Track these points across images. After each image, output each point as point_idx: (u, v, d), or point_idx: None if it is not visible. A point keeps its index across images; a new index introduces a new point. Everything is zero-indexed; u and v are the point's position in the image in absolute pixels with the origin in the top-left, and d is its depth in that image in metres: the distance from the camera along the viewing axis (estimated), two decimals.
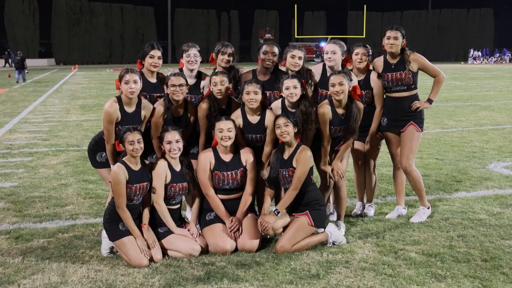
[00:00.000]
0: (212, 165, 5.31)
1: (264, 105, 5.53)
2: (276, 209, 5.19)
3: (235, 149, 5.40)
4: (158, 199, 5.12)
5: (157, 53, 5.55)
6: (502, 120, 14.36)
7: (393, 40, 5.85)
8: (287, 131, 5.18)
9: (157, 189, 5.09)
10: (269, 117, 5.44)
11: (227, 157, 5.35)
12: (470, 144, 10.72)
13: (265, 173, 5.49)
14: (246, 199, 5.40)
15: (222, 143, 5.24)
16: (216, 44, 5.97)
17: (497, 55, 69.28)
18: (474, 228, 5.75)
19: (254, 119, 5.46)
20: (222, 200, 5.35)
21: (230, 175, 5.30)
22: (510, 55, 69.05)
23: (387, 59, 5.99)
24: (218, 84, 5.41)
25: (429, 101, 5.99)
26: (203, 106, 5.47)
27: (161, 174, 5.09)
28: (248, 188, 5.40)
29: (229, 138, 5.22)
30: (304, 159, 5.18)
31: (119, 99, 5.21)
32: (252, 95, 5.33)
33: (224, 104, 5.56)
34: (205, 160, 5.33)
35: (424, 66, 5.94)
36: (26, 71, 32.70)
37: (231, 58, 5.82)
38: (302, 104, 5.43)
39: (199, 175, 5.33)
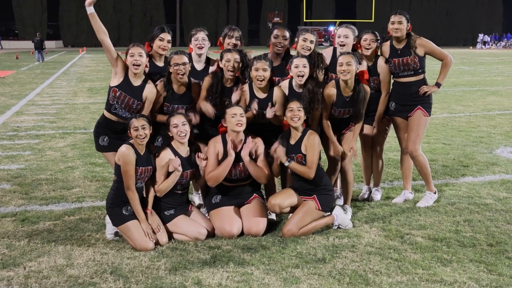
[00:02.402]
0: (221, 155, 5.24)
1: (273, 82, 5.48)
2: (289, 158, 5.16)
3: (245, 140, 5.30)
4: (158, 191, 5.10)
5: (167, 36, 5.51)
6: (510, 105, 14.27)
7: (398, 25, 5.82)
8: (299, 115, 5.15)
9: (157, 179, 5.07)
10: (277, 93, 5.41)
11: (236, 148, 5.24)
12: (478, 129, 10.66)
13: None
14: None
15: (236, 129, 5.13)
16: (224, 28, 5.94)
17: (506, 40, 68.72)
18: (480, 213, 5.74)
19: (261, 95, 5.41)
20: (229, 187, 5.33)
21: (237, 167, 5.24)
22: None
23: (393, 44, 5.96)
24: (231, 61, 5.35)
25: (437, 85, 5.95)
26: (207, 78, 5.44)
27: (164, 165, 5.06)
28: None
29: (242, 124, 5.14)
30: (312, 145, 5.17)
31: (126, 70, 5.23)
32: (260, 71, 5.28)
33: (230, 83, 5.49)
34: (213, 150, 5.23)
35: (431, 50, 5.89)
36: (45, 52, 36.32)
37: (238, 42, 5.78)
38: (309, 83, 5.40)
39: (208, 167, 5.23)
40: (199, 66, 5.76)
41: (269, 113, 5.23)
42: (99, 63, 33.69)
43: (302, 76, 5.34)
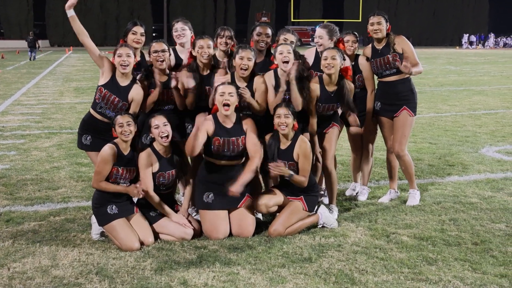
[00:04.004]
0: (211, 132, 5.09)
1: (253, 72, 5.45)
2: (292, 172, 5.12)
3: (237, 119, 5.20)
4: (148, 191, 5.05)
5: (139, 29, 5.53)
6: (495, 104, 14.38)
7: (377, 26, 5.90)
8: (286, 122, 5.10)
9: (144, 180, 5.04)
10: (257, 81, 5.40)
11: (228, 124, 5.16)
12: (463, 129, 10.74)
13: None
14: (248, 172, 5.09)
15: (223, 111, 5.04)
16: (217, 28, 5.99)
17: (491, 40, 69.46)
18: (465, 212, 5.78)
19: (242, 84, 5.38)
20: (220, 165, 5.19)
21: (231, 141, 5.09)
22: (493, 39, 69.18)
23: (374, 45, 6.04)
24: (204, 47, 5.37)
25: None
26: (183, 72, 5.43)
27: (146, 165, 5.03)
28: (252, 163, 5.12)
29: (230, 104, 5.03)
30: (305, 153, 5.16)
31: (114, 70, 5.24)
32: (245, 60, 5.26)
33: (206, 70, 5.51)
34: (202, 125, 5.05)
35: (405, 50, 5.88)
36: (40, 49, 38.83)
37: (229, 41, 5.80)
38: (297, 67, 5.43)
39: (190, 136, 5.07)
40: (184, 56, 5.79)
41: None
42: (86, 62, 33.50)
43: (287, 62, 5.32)
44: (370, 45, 6.11)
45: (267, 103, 5.38)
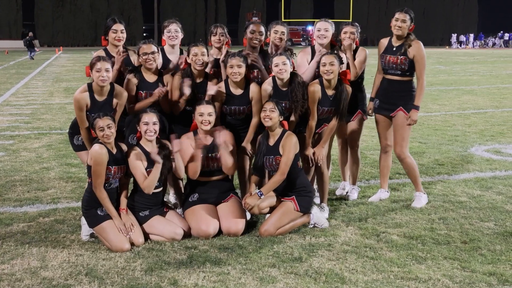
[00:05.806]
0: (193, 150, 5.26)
1: (248, 78, 5.54)
2: (260, 191, 5.18)
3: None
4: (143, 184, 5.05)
5: (119, 26, 5.51)
6: (484, 104, 14.46)
7: (401, 23, 5.83)
8: (270, 116, 5.16)
9: (140, 181, 5.02)
10: (253, 89, 5.47)
11: (206, 141, 5.30)
12: (453, 128, 10.79)
13: (249, 146, 5.53)
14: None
15: (202, 127, 5.21)
16: (210, 26, 6.00)
17: (482, 40, 70.00)
18: (454, 210, 5.81)
19: (237, 91, 5.47)
20: (204, 182, 5.34)
21: (209, 158, 5.27)
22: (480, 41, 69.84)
23: (391, 40, 5.98)
24: (198, 55, 5.40)
25: (416, 108, 5.90)
26: (176, 77, 5.46)
27: (137, 165, 5.02)
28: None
29: (209, 123, 5.20)
30: (289, 145, 5.17)
31: (89, 87, 5.15)
32: (235, 68, 5.33)
33: (200, 77, 5.53)
34: (187, 147, 5.26)
35: (416, 58, 5.84)
36: (38, 50, 40.24)
37: (222, 38, 5.83)
38: (295, 80, 5.46)
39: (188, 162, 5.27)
40: (173, 57, 5.80)
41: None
42: (76, 63, 33.37)
43: (284, 72, 5.38)
44: (388, 38, 6.00)
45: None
